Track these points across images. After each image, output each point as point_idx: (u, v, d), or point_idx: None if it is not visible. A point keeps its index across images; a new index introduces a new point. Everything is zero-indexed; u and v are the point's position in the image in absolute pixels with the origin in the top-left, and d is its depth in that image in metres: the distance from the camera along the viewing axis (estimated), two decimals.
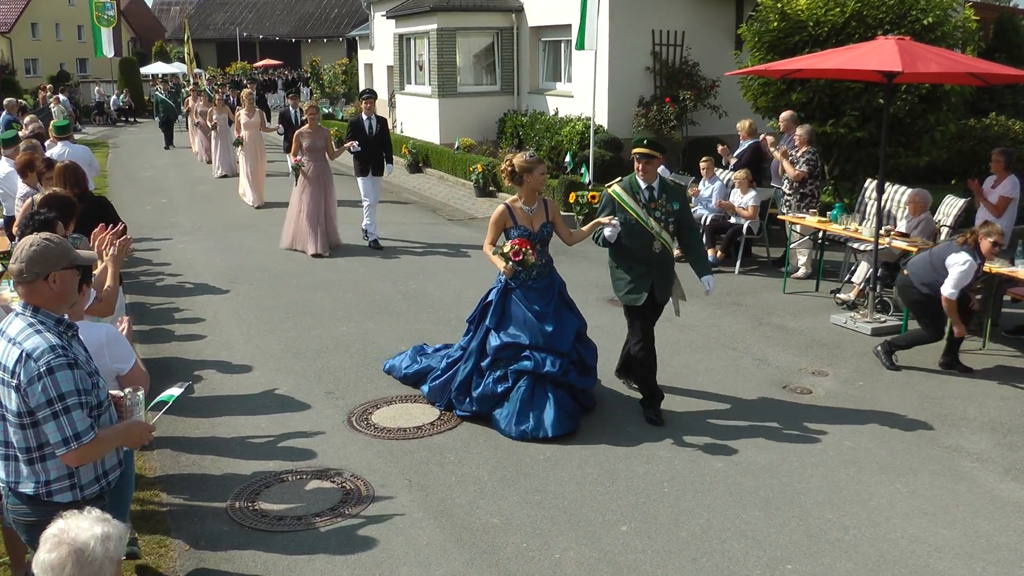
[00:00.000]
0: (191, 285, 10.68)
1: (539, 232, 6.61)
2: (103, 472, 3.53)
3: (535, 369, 6.45)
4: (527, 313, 6.53)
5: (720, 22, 17.19)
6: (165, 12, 63.69)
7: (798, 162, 10.68)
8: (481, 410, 6.58)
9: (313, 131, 12.30)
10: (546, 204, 6.71)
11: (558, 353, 6.49)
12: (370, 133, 12.28)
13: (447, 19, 19.85)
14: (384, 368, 7.62)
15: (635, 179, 6.65)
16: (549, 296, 6.65)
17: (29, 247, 3.30)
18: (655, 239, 6.56)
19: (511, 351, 6.53)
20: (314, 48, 50.90)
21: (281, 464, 6.06)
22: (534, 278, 6.61)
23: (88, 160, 10.82)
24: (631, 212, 6.54)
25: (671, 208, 6.63)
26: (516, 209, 6.63)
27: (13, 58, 46.43)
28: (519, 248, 6.41)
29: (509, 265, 6.44)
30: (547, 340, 6.47)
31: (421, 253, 12.28)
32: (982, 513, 5.41)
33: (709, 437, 6.45)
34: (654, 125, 16.37)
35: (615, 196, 6.64)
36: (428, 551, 5.01)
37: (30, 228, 4.45)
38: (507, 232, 6.63)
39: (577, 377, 6.63)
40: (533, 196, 6.66)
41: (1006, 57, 16.23)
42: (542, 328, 6.48)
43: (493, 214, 6.69)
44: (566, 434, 6.37)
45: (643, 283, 6.61)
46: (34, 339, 3.24)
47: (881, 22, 11.97)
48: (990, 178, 9.49)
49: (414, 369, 7.36)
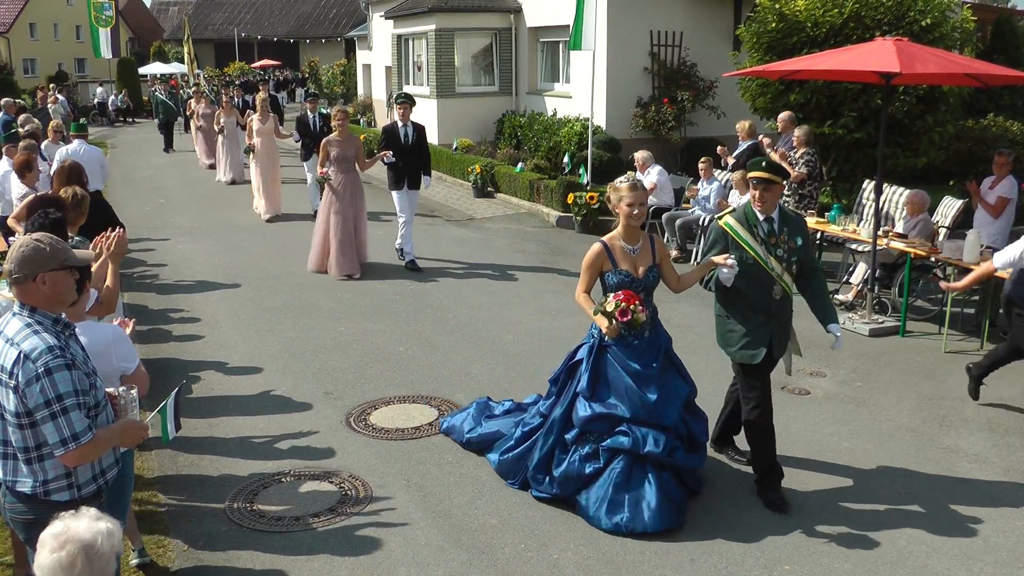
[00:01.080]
0: (189, 285, 10.67)
1: (644, 278, 5.37)
2: (100, 471, 3.53)
3: (633, 448, 5.27)
4: (626, 377, 5.33)
5: (718, 23, 17.20)
6: (163, 12, 63.69)
7: (796, 163, 10.69)
8: (564, 493, 5.46)
9: (343, 139, 10.97)
10: (652, 242, 5.47)
11: (663, 428, 5.32)
12: (405, 142, 11.07)
13: (445, 20, 19.85)
14: (441, 428, 6.51)
15: (751, 209, 5.49)
16: (653, 355, 5.41)
17: (19, 248, 3.31)
18: (776, 282, 5.44)
19: (604, 423, 5.36)
20: (312, 48, 50.91)
21: (279, 464, 6.05)
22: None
23: (100, 162, 10.81)
24: (748, 250, 5.39)
25: (794, 244, 5.50)
26: (615, 248, 5.37)
27: (11, 58, 46.39)
28: (626, 306, 5.20)
29: (613, 325, 5.22)
30: (649, 412, 5.29)
31: (419, 254, 12.28)
32: (980, 514, 5.42)
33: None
34: (652, 126, 16.39)
35: (729, 230, 5.47)
36: (426, 551, 5.01)
37: (37, 228, 4.46)
38: (603, 277, 5.41)
39: (684, 455, 5.45)
40: (635, 232, 5.40)
41: (1004, 58, 16.23)
42: (643, 396, 5.28)
43: (588, 254, 5.41)
44: (670, 528, 5.22)
45: (761, 336, 5.47)
46: (32, 340, 3.24)
47: (879, 23, 11.99)
48: (988, 179, 9.49)
49: (479, 433, 6.21)
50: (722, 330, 5.65)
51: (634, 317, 5.19)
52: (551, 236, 13.45)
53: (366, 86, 29.96)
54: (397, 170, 11.09)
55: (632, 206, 5.27)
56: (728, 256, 5.35)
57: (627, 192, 5.29)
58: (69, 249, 3.39)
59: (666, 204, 12.30)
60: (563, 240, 13.15)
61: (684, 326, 8.84)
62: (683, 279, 5.56)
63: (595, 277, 5.44)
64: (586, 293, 5.44)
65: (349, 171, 10.99)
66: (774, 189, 5.41)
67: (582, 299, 5.44)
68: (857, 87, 11.83)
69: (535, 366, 7.82)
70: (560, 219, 14.10)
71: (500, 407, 6.44)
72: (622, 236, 5.39)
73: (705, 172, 11.73)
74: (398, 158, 10.94)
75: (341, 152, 10.88)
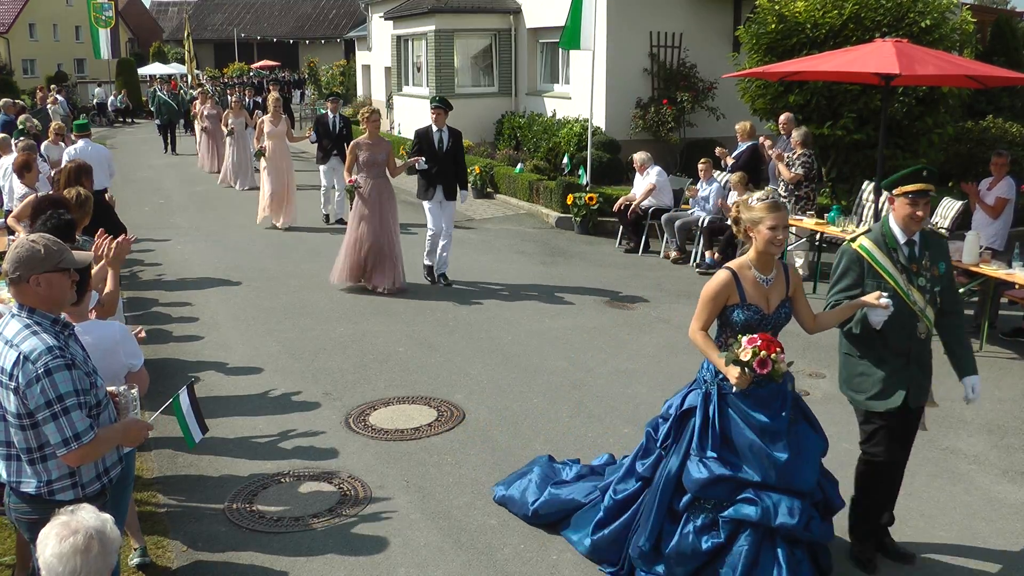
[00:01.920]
0: (189, 286, 10.67)
1: (775, 314, 4.48)
2: (104, 470, 3.54)
3: (762, 519, 4.30)
4: (750, 433, 4.38)
5: (718, 24, 17.21)
6: (163, 13, 63.73)
7: (793, 164, 10.71)
8: (679, 575, 4.51)
9: (373, 142, 10.07)
10: (785, 271, 4.56)
11: (797, 493, 4.37)
12: (440, 149, 10.17)
13: (445, 20, 19.86)
14: (495, 497, 5.50)
15: (889, 230, 4.66)
16: (780, 403, 4.44)
17: (14, 249, 3.31)
18: (919, 318, 4.65)
19: (725, 488, 4.40)
20: (312, 49, 50.97)
21: (279, 465, 6.05)
22: None
23: (107, 161, 10.80)
24: (888, 279, 4.60)
25: (937, 272, 4.70)
26: (746, 278, 4.45)
27: (11, 59, 46.38)
28: (766, 355, 4.25)
29: (746, 375, 4.27)
30: (781, 475, 4.34)
31: (418, 254, 12.26)
32: (979, 515, 5.42)
33: None
34: (652, 127, 16.40)
35: (865, 255, 4.64)
36: (426, 552, 5.01)
37: (49, 229, 4.48)
38: (729, 312, 4.47)
39: (820, 527, 4.51)
40: (771, 259, 4.50)
41: (1003, 60, 16.24)
42: (772, 456, 4.33)
43: (711, 284, 4.48)
44: None
45: (898, 381, 4.67)
46: (31, 341, 3.24)
47: (879, 24, 11.99)
48: (986, 180, 9.50)
49: (549, 504, 5.16)
50: (850, 373, 4.82)
51: (774, 368, 4.26)
52: (550, 237, 13.46)
53: (365, 87, 30.01)
54: (429, 177, 10.22)
55: (775, 229, 4.35)
56: (882, 294, 4.48)
57: (767, 213, 4.37)
58: (66, 250, 3.38)
59: (665, 205, 12.31)
60: (562, 241, 13.15)
61: (684, 327, 8.82)
62: (820, 319, 4.63)
63: (716, 312, 4.52)
64: (704, 331, 4.55)
65: (379, 176, 10.12)
66: (923, 203, 4.57)
67: (700, 338, 4.52)
68: (857, 88, 11.84)
69: (534, 366, 7.83)
70: (559, 220, 14.11)
71: (567, 469, 5.45)
72: (755, 264, 4.46)
73: (704, 173, 11.74)
74: (431, 165, 10.18)
75: (371, 156, 10.01)
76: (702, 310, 4.51)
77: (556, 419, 6.77)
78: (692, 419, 4.52)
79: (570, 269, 11.44)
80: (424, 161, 10.06)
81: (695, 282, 10.71)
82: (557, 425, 6.66)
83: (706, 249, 11.31)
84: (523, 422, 6.72)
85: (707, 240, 11.31)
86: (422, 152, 10.14)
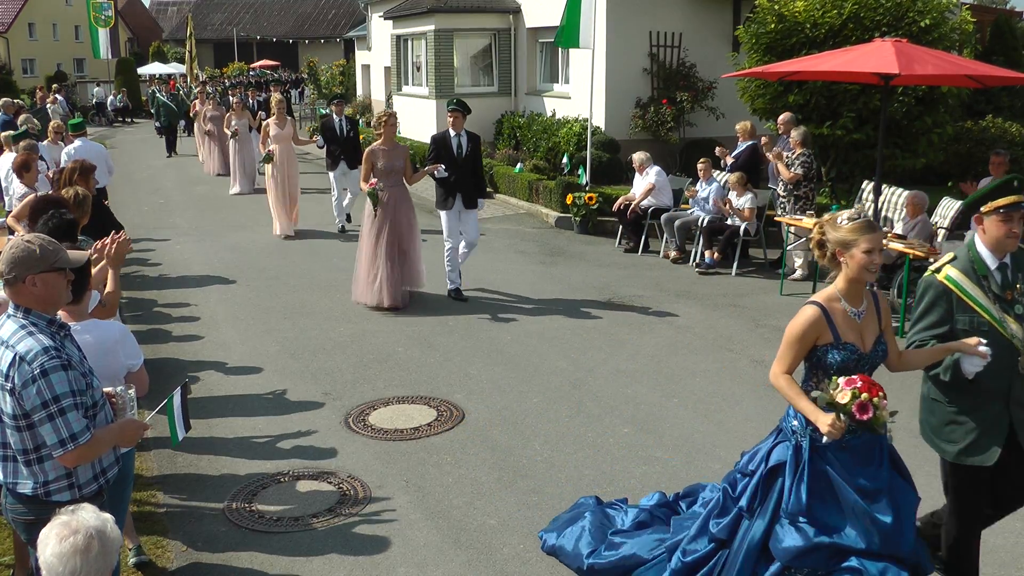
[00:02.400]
0: (188, 286, 10.67)
1: (872, 353, 3.90)
2: (101, 470, 3.53)
3: None
4: (849, 492, 3.81)
5: (717, 24, 17.20)
6: (162, 12, 63.76)
7: (792, 164, 10.71)
8: None
9: (389, 148, 9.40)
10: (875, 300, 3.99)
11: (899, 561, 3.81)
12: (459, 154, 9.59)
13: (444, 20, 19.85)
14: (544, 547, 4.96)
15: (977, 255, 4.09)
16: (875, 457, 3.90)
17: (10, 249, 3.31)
18: (1019, 353, 4.01)
19: (820, 556, 3.83)
20: (311, 49, 50.96)
21: (278, 465, 6.05)
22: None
23: (104, 159, 10.79)
24: (981, 312, 4.01)
25: None
26: (836, 313, 3.86)
27: (10, 58, 46.38)
28: (868, 398, 3.70)
29: (841, 423, 3.70)
30: (884, 540, 3.78)
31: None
32: None
33: (703, 437, 6.45)
34: (651, 127, 16.40)
35: (954, 287, 4.06)
36: (425, 552, 5.01)
37: (47, 228, 4.49)
38: (821, 354, 3.87)
39: None
40: (861, 289, 3.92)
41: (1003, 59, 16.25)
42: (875, 518, 3.78)
43: (797, 322, 3.89)
44: None
45: (996, 428, 4.06)
46: (27, 341, 3.24)
47: (878, 24, 12.00)
48: (985, 180, 9.51)
49: (606, 559, 4.60)
50: (938, 420, 4.20)
51: (876, 415, 3.69)
52: (550, 237, 13.46)
53: (365, 87, 30.00)
54: (448, 186, 9.62)
55: (871, 253, 3.76)
56: (981, 341, 3.87)
57: (861, 234, 3.76)
58: (62, 250, 3.37)
59: (665, 205, 12.31)
60: (562, 241, 13.16)
61: (684, 327, 8.86)
62: (906, 357, 4.07)
63: (805, 353, 3.92)
64: (789, 374, 3.91)
65: (396, 184, 9.46)
66: (1018, 217, 3.99)
67: (784, 383, 3.90)
68: (856, 88, 11.85)
69: (534, 366, 7.83)
70: (559, 220, 14.11)
71: (622, 515, 4.91)
72: (844, 295, 3.87)
73: (704, 173, 11.74)
74: (449, 172, 9.58)
75: (388, 163, 9.34)
76: (787, 351, 3.92)
77: (556, 419, 6.77)
78: (780, 477, 3.93)
79: (570, 269, 11.45)
80: (444, 168, 9.48)
81: (695, 282, 10.72)
82: (557, 425, 6.66)
83: (705, 249, 11.31)
84: (523, 422, 6.72)
85: (707, 240, 11.31)
86: (440, 159, 9.54)
